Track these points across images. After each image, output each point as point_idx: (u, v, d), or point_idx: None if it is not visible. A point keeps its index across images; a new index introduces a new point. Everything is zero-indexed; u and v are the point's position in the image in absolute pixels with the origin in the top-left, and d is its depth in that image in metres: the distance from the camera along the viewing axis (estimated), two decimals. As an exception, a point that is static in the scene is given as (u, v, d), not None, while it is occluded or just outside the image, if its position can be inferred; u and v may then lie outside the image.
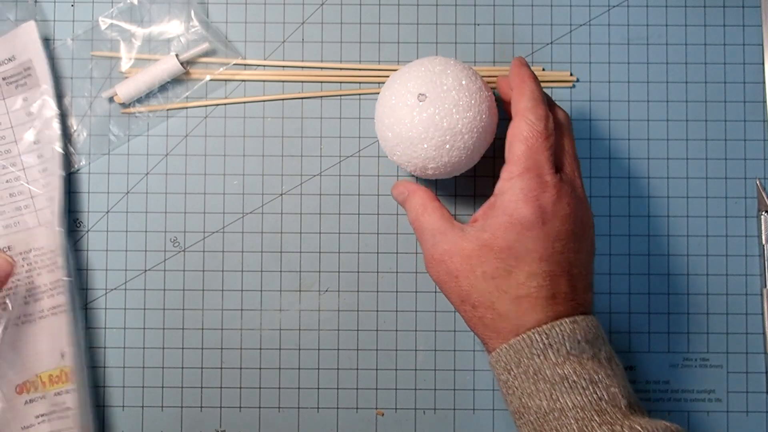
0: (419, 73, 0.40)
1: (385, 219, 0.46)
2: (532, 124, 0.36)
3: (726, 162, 0.46)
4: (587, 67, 0.47)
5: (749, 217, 0.46)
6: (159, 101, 0.47)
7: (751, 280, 0.46)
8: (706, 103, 0.47)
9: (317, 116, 0.47)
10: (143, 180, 0.46)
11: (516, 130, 0.37)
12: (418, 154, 0.40)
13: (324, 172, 0.47)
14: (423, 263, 0.46)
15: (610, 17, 0.47)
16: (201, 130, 0.47)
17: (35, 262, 0.44)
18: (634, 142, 0.46)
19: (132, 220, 0.46)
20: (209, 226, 0.46)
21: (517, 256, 0.35)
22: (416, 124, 0.39)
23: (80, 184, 0.46)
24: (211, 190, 0.46)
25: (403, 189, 0.41)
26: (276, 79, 0.47)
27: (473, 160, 0.41)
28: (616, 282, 0.46)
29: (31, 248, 0.44)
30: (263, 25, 0.47)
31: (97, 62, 0.47)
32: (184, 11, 0.46)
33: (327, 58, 0.47)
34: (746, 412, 0.45)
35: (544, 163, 0.36)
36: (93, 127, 0.46)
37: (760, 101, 0.46)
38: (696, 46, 0.47)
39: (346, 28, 0.47)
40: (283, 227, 0.46)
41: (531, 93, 0.37)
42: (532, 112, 0.37)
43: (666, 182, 0.46)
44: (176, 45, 0.47)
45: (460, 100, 0.39)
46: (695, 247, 0.46)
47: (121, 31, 0.47)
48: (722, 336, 0.46)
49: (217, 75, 0.46)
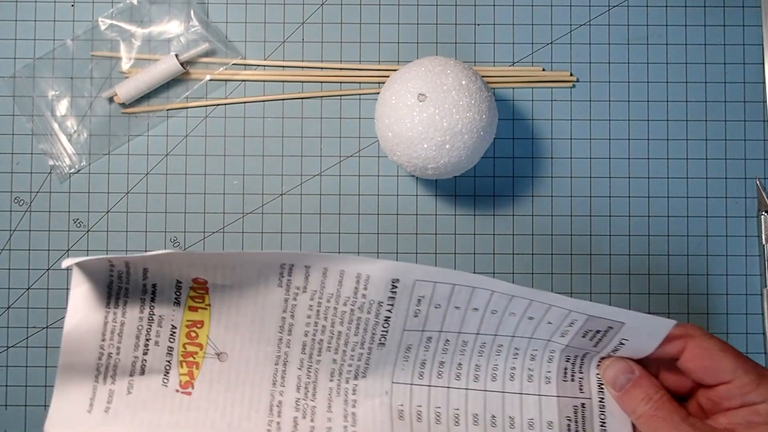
0: (419, 73, 0.40)
1: (385, 219, 0.46)
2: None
3: (726, 162, 0.46)
4: (587, 67, 0.47)
5: (749, 217, 0.46)
6: (159, 101, 0.47)
7: (751, 280, 0.46)
8: (706, 103, 0.47)
9: (317, 116, 0.47)
10: (143, 180, 0.46)
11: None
12: (418, 154, 0.40)
13: (324, 172, 0.47)
14: (423, 263, 0.46)
15: (610, 17, 0.47)
16: (201, 130, 0.47)
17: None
18: (634, 142, 0.46)
19: (132, 220, 0.46)
20: (209, 226, 0.46)
21: None
22: (416, 124, 0.39)
23: (80, 184, 0.46)
24: (211, 190, 0.46)
25: (627, 368, 0.32)
26: (276, 79, 0.47)
27: (473, 160, 0.41)
28: (616, 282, 0.46)
29: None
30: (263, 25, 0.47)
31: (97, 62, 0.47)
32: (184, 11, 0.46)
33: (327, 58, 0.47)
34: (746, 412, 0.45)
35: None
36: (93, 127, 0.46)
37: (760, 101, 0.46)
38: (696, 46, 0.47)
39: (346, 28, 0.47)
40: (283, 227, 0.46)
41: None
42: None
43: (666, 182, 0.46)
44: (176, 45, 0.47)
45: (460, 100, 0.39)
46: (695, 247, 0.46)
47: (121, 31, 0.47)
48: (722, 336, 0.46)
49: (217, 75, 0.46)
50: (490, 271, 0.46)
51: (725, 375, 0.29)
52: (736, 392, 0.29)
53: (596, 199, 0.46)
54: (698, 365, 0.30)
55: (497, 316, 0.31)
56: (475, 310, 0.31)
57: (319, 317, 0.31)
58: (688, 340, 0.30)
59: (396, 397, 0.32)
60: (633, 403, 0.31)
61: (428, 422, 0.32)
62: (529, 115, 0.46)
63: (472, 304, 0.31)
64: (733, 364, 0.29)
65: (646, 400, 0.30)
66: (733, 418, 0.29)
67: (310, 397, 0.32)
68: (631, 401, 0.31)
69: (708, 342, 0.30)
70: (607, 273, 0.46)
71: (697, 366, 0.30)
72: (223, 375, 0.32)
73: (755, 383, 0.29)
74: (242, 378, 0.32)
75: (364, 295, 0.31)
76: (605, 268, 0.46)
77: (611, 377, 0.32)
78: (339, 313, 0.31)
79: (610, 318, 0.30)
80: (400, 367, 0.32)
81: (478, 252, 0.46)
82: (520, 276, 0.46)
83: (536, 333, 0.32)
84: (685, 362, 0.30)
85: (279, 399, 0.32)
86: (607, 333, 0.31)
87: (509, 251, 0.46)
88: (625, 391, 0.31)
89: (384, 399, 0.32)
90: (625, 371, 0.31)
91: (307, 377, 0.32)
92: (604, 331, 0.31)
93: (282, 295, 0.31)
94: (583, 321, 0.30)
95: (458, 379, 0.33)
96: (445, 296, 0.31)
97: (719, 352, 0.30)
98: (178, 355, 0.32)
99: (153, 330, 0.32)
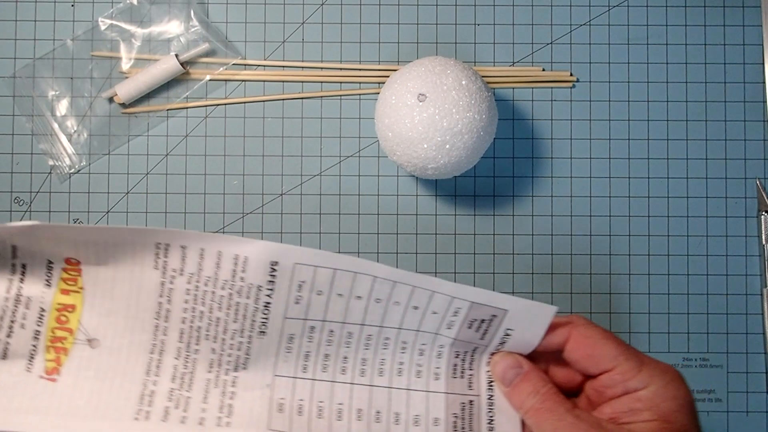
0: (419, 73, 0.40)
1: (385, 219, 0.46)
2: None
3: (726, 162, 0.46)
4: (587, 67, 0.47)
5: (749, 217, 0.46)
6: (159, 101, 0.47)
7: (751, 280, 0.46)
8: (706, 103, 0.47)
9: (317, 116, 0.47)
10: (143, 180, 0.46)
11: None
12: (418, 154, 0.40)
13: (324, 172, 0.47)
14: (423, 263, 0.46)
15: (610, 17, 0.47)
16: (201, 130, 0.47)
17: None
18: (634, 142, 0.46)
19: (132, 220, 0.46)
20: (209, 226, 0.46)
21: None
22: (416, 124, 0.39)
23: (80, 184, 0.46)
24: (211, 190, 0.46)
25: (516, 363, 0.32)
26: (276, 79, 0.47)
27: (473, 160, 0.41)
28: (615, 282, 0.46)
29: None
30: (263, 25, 0.47)
31: (97, 62, 0.47)
32: (184, 11, 0.46)
33: (327, 58, 0.47)
34: (746, 412, 0.45)
35: None
36: (93, 127, 0.46)
37: (760, 101, 0.46)
38: (696, 46, 0.47)
39: (346, 28, 0.47)
40: (283, 227, 0.46)
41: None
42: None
43: (666, 182, 0.46)
44: (176, 45, 0.47)
45: (460, 100, 0.39)
46: (695, 247, 0.46)
47: (121, 31, 0.47)
48: (722, 336, 0.46)
49: (217, 75, 0.46)
50: (490, 271, 0.46)
51: (607, 363, 0.29)
52: (618, 379, 0.29)
53: (596, 199, 0.46)
54: (581, 354, 0.30)
55: (381, 305, 0.30)
56: (358, 298, 0.30)
57: (197, 302, 0.30)
58: (572, 329, 0.30)
59: (277, 391, 0.32)
60: (521, 397, 0.30)
61: (309, 416, 0.31)
62: (529, 115, 0.46)
63: (355, 292, 0.30)
64: (614, 351, 0.29)
65: (533, 393, 0.30)
66: (616, 407, 0.29)
67: (186, 387, 0.31)
68: (520, 395, 0.31)
69: (590, 330, 0.30)
70: (607, 273, 0.46)
71: (581, 355, 0.30)
72: (93, 362, 0.31)
73: (636, 370, 0.29)
74: (113, 366, 0.31)
75: (243, 278, 0.29)
76: (605, 269, 0.46)
77: (500, 372, 0.31)
78: (217, 298, 0.30)
79: (493, 305, 0.30)
80: (283, 359, 0.32)
81: (478, 252, 0.46)
82: (520, 276, 0.46)
83: (423, 325, 0.31)
84: (570, 352, 0.30)
85: (152, 389, 0.31)
86: (492, 322, 0.30)
87: (509, 251, 0.46)
88: (514, 386, 0.31)
89: (264, 392, 0.31)
90: (513, 366, 0.31)
91: (184, 367, 0.31)
92: (489, 320, 0.30)
93: (158, 278, 0.30)
94: (467, 309, 0.30)
95: (344, 373, 0.32)
96: (326, 282, 0.30)
97: (601, 340, 0.30)
98: (46, 340, 0.31)
99: (19, 312, 0.30)
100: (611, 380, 0.29)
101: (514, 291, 0.46)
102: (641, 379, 0.29)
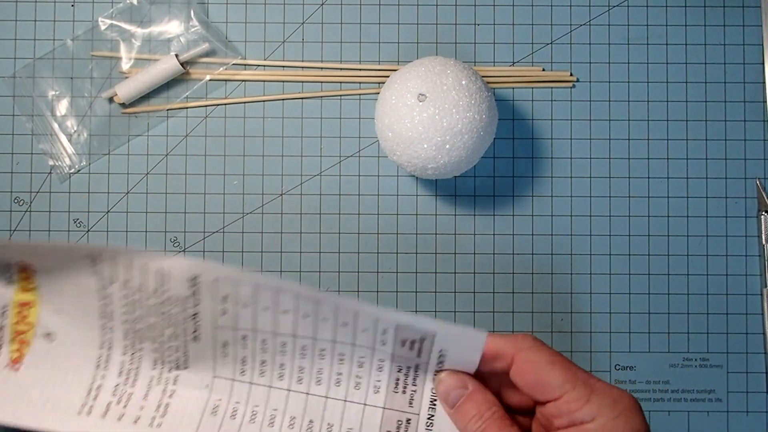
0: (419, 73, 0.40)
1: (385, 219, 0.46)
2: None
3: (726, 162, 0.46)
4: (587, 67, 0.47)
5: (749, 217, 0.46)
6: (159, 101, 0.47)
7: (751, 280, 0.46)
8: (706, 103, 0.47)
9: (317, 116, 0.47)
10: (143, 180, 0.46)
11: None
12: (418, 154, 0.40)
13: (324, 172, 0.47)
14: (423, 263, 0.46)
15: (610, 17, 0.47)
16: (201, 130, 0.47)
17: None
18: (634, 142, 0.46)
19: (132, 220, 0.46)
20: (209, 226, 0.46)
21: None
22: (416, 124, 0.39)
23: (80, 184, 0.46)
24: (211, 190, 0.46)
25: (460, 383, 0.30)
26: (276, 79, 0.47)
27: (473, 160, 0.41)
28: (616, 282, 0.46)
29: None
30: (263, 25, 0.47)
31: (97, 62, 0.47)
32: (184, 11, 0.47)
33: (327, 58, 0.47)
34: (746, 412, 0.45)
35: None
36: (93, 127, 0.46)
37: (760, 101, 0.46)
38: (696, 46, 0.47)
39: (346, 28, 0.47)
40: (283, 227, 0.46)
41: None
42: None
43: (666, 182, 0.46)
44: (176, 45, 0.47)
45: (460, 100, 0.39)
46: (695, 247, 0.46)
47: (121, 31, 0.47)
48: (722, 336, 0.46)
49: (217, 75, 0.46)
50: (490, 271, 0.46)
51: (553, 391, 0.27)
52: (564, 410, 0.27)
53: (596, 199, 0.46)
54: (527, 381, 0.28)
55: (310, 320, 0.30)
56: (285, 312, 0.30)
57: (134, 306, 0.31)
58: (516, 353, 0.28)
59: (216, 392, 0.32)
60: (464, 420, 0.29)
61: (241, 420, 0.31)
62: (529, 115, 0.46)
63: (280, 307, 0.29)
64: (561, 379, 0.27)
65: (476, 417, 0.28)
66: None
67: (130, 383, 0.32)
68: (463, 418, 0.29)
69: (535, 354, 0.28)
70: (607, 273, 0.46)
71: (526, 382, 0.28)
72: (50, 355, 0.32)
73: (584, 399, 0.27)
74: (68, 359, 0.32)
75: (168, 289, 0.30)
76: (605, 269, 0.46)
77: (443, 392, 0.29)
78: (150, 305, 0.30)
79: (419, 327, 0.28)
80: (221, 363, 0.31)
81: (478, 252, 0.46)
82: (519, 276, 0.46)
83: (357, 340, 0.30)
84: (515, 377, 0.28)
85: (99, 383, 0.32)
86: (424, 342, 0.29)
87: (509, 251, 0.46)
88: (457, 408, 0.29)
89: (203, 392, 0.32)
90: (457, 386, 0.29)
91: (131, 363, 0.32)
92: (420, 340, 0.29)
93: (96, 283, 0.30)
94: (393, 330, 0.29)
95: (281, 379, 0.32)
96: (249, 296, 0.29)
97: (547, 365, 0.27)
98: (10, 333, 0.32)
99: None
100: (558, 410, 0.27)
101: (514, 291, 0.46)
102: (589, 411, 0.27)
